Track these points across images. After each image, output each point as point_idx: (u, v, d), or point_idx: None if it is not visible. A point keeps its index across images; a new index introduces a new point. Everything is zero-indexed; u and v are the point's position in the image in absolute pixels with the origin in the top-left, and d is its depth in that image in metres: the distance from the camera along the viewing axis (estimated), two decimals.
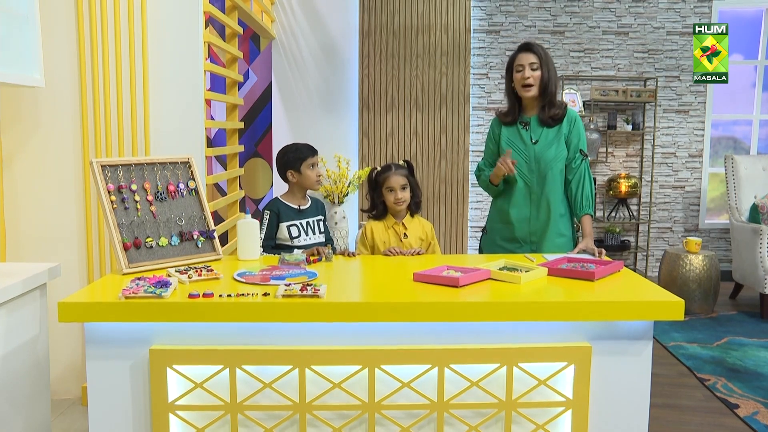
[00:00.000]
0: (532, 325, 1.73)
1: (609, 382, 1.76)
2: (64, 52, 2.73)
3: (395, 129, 5.33)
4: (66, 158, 2.78)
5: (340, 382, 1.70)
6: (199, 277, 1.90)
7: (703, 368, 3.41)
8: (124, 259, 1.99)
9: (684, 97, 5.56)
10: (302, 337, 1.72)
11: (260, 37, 5.22)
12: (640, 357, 1.76)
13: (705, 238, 5.66)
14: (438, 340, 1.73)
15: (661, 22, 5.48)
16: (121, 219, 2.03)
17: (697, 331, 4.06)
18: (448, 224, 5.41)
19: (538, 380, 1.73)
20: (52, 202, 2.78)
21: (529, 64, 2.48)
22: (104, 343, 1.71)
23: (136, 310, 1.65)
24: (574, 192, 2.56)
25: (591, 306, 1.70)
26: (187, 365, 1.69)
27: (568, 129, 2.54)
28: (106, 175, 2.05)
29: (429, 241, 2.59)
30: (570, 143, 2.55)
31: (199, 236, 2.17)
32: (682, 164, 5.65)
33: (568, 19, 5.49)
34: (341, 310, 1.67)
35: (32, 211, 2.77)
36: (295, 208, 2.56)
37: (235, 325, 1.71)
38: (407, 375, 1.71)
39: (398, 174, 2.53)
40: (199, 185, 2.25)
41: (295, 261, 2.11)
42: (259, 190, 5.36)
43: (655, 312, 1.71)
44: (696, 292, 4.42)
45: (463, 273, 1.91)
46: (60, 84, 2.74)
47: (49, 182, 2.77)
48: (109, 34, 2.76)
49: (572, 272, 1.97)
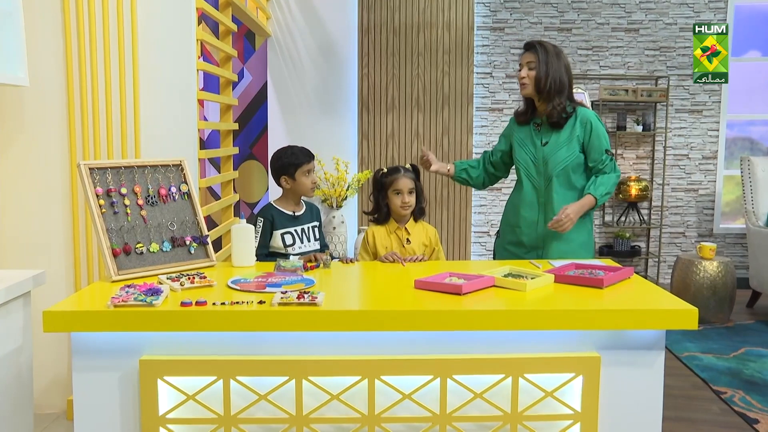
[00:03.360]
0: (538, 335, 1.74)
1: (619, 394, 1.76)
2: (49, 49, 2.74)
3: (396, 130, 5.35)
4: (52, 160, 2.79)
5: (338, 393, 1.71)
6: (192, 285, 1.90)
7: (719, 380, 3.41)
8: (113, 266, 1.99)
9: (697, 97, 5.58)
10: (299, 347, 1.73)
11: (255, 34, 5.24)
12: (652, 368, 1.77)
13: (720, 244, 5.67)
14: (440, 349, 1.73)
15: (674, 18, 5.50)
16: (110, 224, 2.04)
17: (712, 341, 4.07)
18: (450, 229, 5.42)
19: (544, 392, 1.73)
20: (38, 207, 2.79)
21: (527, 63, 2.54)
22: (92, 353, 1.71)
23: (125, 319, 1.66)
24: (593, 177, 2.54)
25: (600, 314, 1.71)
26: (178, 376, 1.70)
27: (584, 132, 2.55)
28: (95, 179, 2.06)
29: (433, 247, 2.60)
30: (591, 147, 2.55)
31: (192, 242, 2.18)
32: (695, 166, 5.67)
33: (576, 15, 5.52)
34: (340, 318, 1.68)
35: (16, 216, 2.78)
36: (290, 214, 2.57)
37: (229, 335, 1.72)
38: (408, 386, 1.72)
39: (407, 177, 2.54)
40: (191, 189, 2.26)
41: (292, 268, 2.11)
42: (254, 193, 5.37)
43: (667, 321, 1.72)
44: (710, 300, 4.42)
45: (466, 280, 1.92)
46: (45, 83, 2.75)
47: (34, 185, 2.78)
48: (97, 31, 2.77)
49: (580, 279, 1.97)
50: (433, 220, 5.34)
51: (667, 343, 3.90)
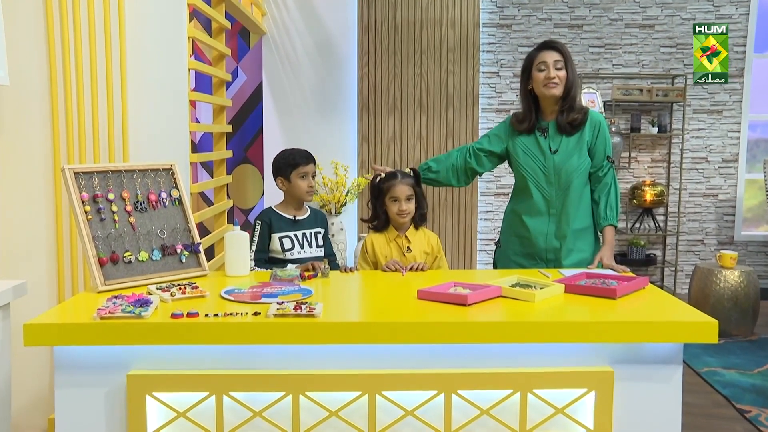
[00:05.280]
0: (547, 348, 1.74)
1: (634, 412, 1.76)
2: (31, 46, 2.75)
3: (397, 133, 5.37)
4: (35, 164, 2.79)
5: (337, 410, 1.71)
6: (183, 295, 1.91)
7: (743, 398, 3.40)
8: (100, 276, 2.00)
9: (717, 96, 5.59)
10: (296, 361, 1.73)
11: (250, 32, 5.27)
12: (669, 383, 1.77)
13: (741, 252, 5.67)
14: (444, 363, 1.74)
15: (692, 13, 5.52)
16: (96, 231, 2.05)
17: (735, 356, 4.06)
18: (455, 236, 5.42)
19: (555, 408, 1.73)
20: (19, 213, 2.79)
21: (554, 62, 2.50)
22: (76, 368, 1.71)
23: (112, 332, 1.66)
24: (598, 201, 2.58)
25: (613, 326, 1.71)
26: (168, 392, 1.70)
27: (592, 135, 2.55)
28: (80, 183, 2.07)
29: (435, 255, 2.60)
30: (595, 151, 2.56)
31: (183, 250, 2.19)
32: (714, 170, 5.67)
33: (587, 11, 5.54)
34: (339, 330, 1.68)
35: None
36: (290, 218, 2.59)
37: (223, 348, 1.72)
38: (411, 402, 1.72)
39: (404, 183, 2.54)
40: (182, 194, 2.26)
41: (289, 277, 2.12)
42: (248, 199, 5.38)
43: (684, 333, 1.72)
44: (732, 312, 4.42)
45: (472, 290, 1.92)
46: (27, 82, 2.76)
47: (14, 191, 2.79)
48: (83, 26, 2.78)
49: (592, 289, 1.98)
50: (437, 226, 5.35)
51: (686, 357, 3.89)
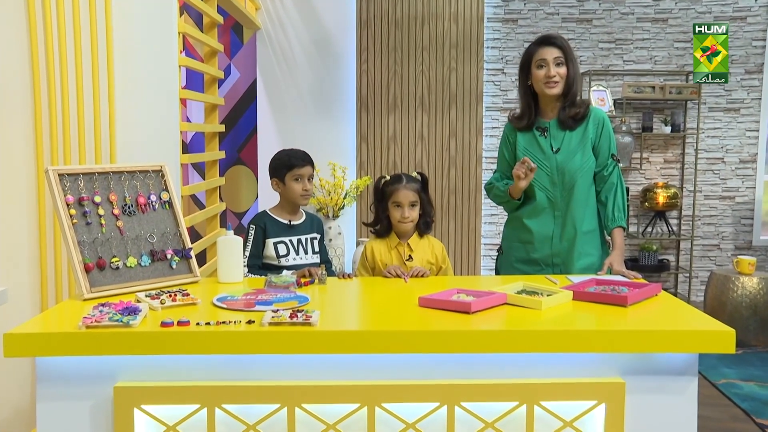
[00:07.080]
0: (555, 358, 1.75)
1: (646, 426, 1.77)
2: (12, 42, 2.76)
3: (398, 132, 5.38)
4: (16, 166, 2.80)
5: (335, 422, 1.71)
6: (174, 303, 1.91)
7: (763, 411, 3.40)
8: (86, 283, 2.01)
9: (734, 93, 5.60)
10: (292, 372, 1.73)
11: (243, 27, 5.28)
12: (684, 396, 1.77)
13: (760, 257, 5.67)
14: (447, 374, 1.74)
15: (708, 6, 5.53)
16: (82, 236, 2.05)
17: (754, 368, 4.06)
18: (458, 241, 5.43)
19: (563, 421, 1.74)
20: None
21: (554, 58, 2.51)
22: (60, 380, 1.72)
23: (98, 342, 1.66)
24: (604, 202, 2.58)
25: (624, 335, 1.71)
26: (158, 405, 1.70)
27: (596, 133, 2.56)
28: (65, 186, 2.08)
29: (440, 265, 2.58)
30: (600, 149, 2.57)
31: (174, 255, 2.20)
32: (731, 171, 5.68)
33: (597, 4, 5.56)
34: (337, 339, 1.69)
35: None
36: (285, 223, 2.60)
37: (215, 358, 1.73)
38: (412, 414, 1.72)
39: (408, 188, 2.53)
40: (173, 197, 2.27)
41: (284, 284, 2.13)
42: (242, 202, 5.39)
43: (700, 343, 1.72)
44: (750, 321, 4.42)
45: (476, 297, 1.93)
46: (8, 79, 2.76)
47: None
48: (67, 21, 2.79)
49: (601, 296, 1.98)
50: (440, 230, 5.36)
51: (701, 368, 3.89)
